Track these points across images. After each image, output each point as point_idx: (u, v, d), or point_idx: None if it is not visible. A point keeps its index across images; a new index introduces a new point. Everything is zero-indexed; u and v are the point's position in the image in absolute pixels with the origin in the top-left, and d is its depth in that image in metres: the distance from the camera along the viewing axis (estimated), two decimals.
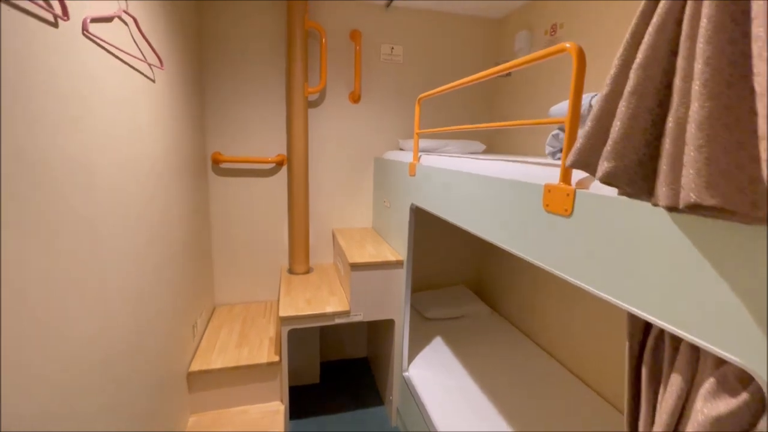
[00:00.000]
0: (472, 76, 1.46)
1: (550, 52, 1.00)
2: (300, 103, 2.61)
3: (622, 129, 0.55)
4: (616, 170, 0.56)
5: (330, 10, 2.72)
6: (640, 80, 0.53)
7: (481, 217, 1.36)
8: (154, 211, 1.70)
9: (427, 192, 1.91)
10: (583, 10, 2.22)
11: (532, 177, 1.11)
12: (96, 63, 1.20)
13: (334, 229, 3.02)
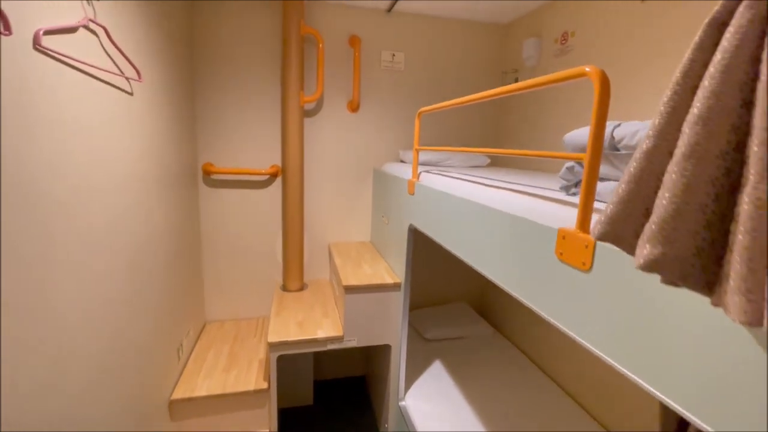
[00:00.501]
0: (476, 95, 1.32)
1: (569, 75, 0.86)
2: (295, 112, 2.48)
3: (674, 204, 0.41)
4: (664, 259, 0.42)
5: (328, 14, 2.59)
6: (699, 140, 0.39)
7: (485, 254, 1.22)
8: (132, 232, 1.58)
9: (427, 214, 1.77)
10: (595, 16, 2.07)
11: (544, 216, 0.97)
12: (55, 79, 1.07)
13: (330, 244, 2.89)
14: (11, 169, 0.91)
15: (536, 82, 0.96)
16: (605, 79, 0.78)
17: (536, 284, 0.96)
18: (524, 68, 2.70)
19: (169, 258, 2.06)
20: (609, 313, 0.74)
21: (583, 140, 0.96)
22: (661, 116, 0.47)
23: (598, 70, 0.79)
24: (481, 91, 2.92)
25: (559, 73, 0.88)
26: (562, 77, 0.88)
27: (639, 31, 1.82)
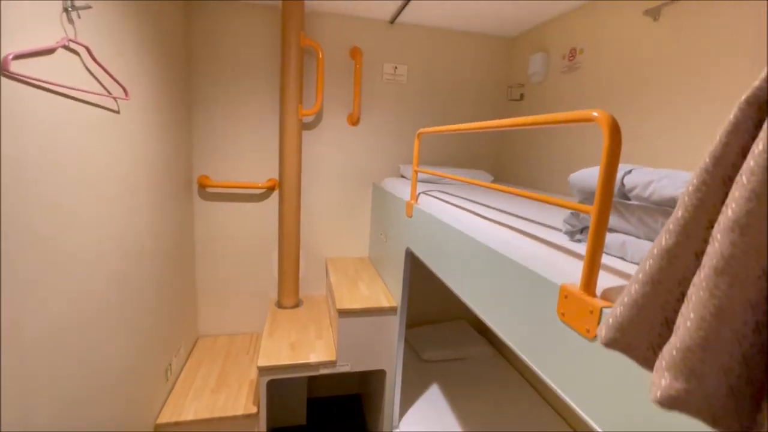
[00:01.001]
0: (476, 124, 1.24)
1: (575, 118, 0.78)
2: (293, 126, 2.41)
3: (702, 331, 0.33)
4: (688, 396, 0.34)
5: (329, 25, 2.53)
6: (735, 252, 0.32)
7: (483, 297, 1.14)
8: (119, 253, 1.52)
9: (424, 240, 1.70)
10: (604, 34, 1.99)
11: (546, 264, 0.89)
12: (30, 104, 1.01)
13: (327, 259, 2.82)
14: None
15: (538, 120, 0.88)
16: (615, 126, 0.70)
17: (536, 340, 0.88)
18: (530, 84, 2.62)
19: (161, 273, 2.00)
20: (615, 391, 0.67)
21: (590, 184, 0.88)
22: (685, 209, 0.39)
23: (608, 117, 0.71)
24: (485, 107, 2.88)
25: (565, 115, 0.80)
26: (567, 119, 0.80)
27: (652, 52, 1.74)
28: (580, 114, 0.77)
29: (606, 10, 1.99)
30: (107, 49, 1.39)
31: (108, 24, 1.39)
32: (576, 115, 0.78)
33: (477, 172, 2.53)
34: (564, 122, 0.81)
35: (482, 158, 2.97)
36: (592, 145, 2.07)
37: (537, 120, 0.89)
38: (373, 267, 2.70)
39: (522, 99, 2.72)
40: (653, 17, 1.73)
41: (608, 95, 1.97)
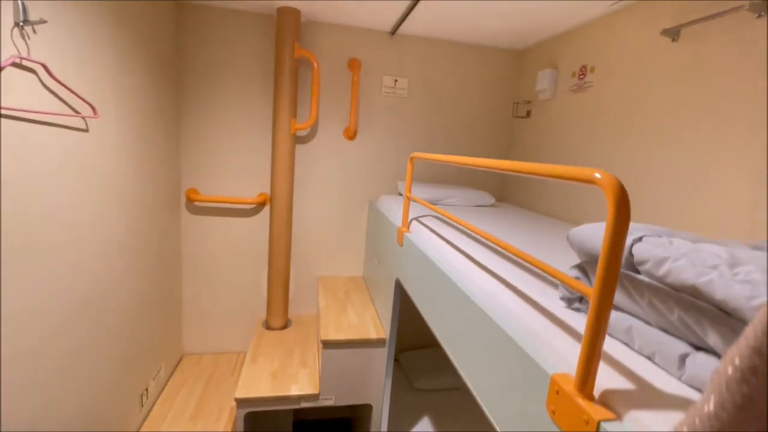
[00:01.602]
0: (474, 159, 1.11)
1: (574, 177, 0.65)
2: (285, 140, 2.31)
3: None
4: None
5: (326, 36, 2.42)
6: None
7: (467, 356, 1.01)
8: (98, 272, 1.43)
9: (413, 275, 1.57)
10: (618, 52, 1.84)
11: (536, 337, 0.76)
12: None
13: (318, 278, 2.70)
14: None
15: (536, 170, 0.75)
16: (622, 193, 0.56)
17: (524, 428, 0.75)
18: (537, 101, 2.48)
19: (143, 291, 1.93)
20: None
21: (592, 245, 0.75)
22: (721, 406, 0.26)
23: (612, 180, 0.58)
24: (490, 123, 2.74)
25: (564, 170, 0.67)
26: (566, 175, 0.67)
27: (669, 75, 1.59)
28: (580, 173, 0.63)
29: (620, 27, 1.84)
30: (73, 66, 1.29)
31: (74, 38, 1.29)
32: (576, 173, 0.64)
33: (478, 193, 2.39)
34: (563, 178, 0.68)
35: (485, 175, 2.83)
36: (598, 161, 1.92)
37: (535, 170, 0.76)
38: (365, 288, 2.58)
39: (528, 116, 2.58)
40: (672, 38, 1.58)
41: (620, 119, 1.82)
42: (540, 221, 2.01)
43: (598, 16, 1.98)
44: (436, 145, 2.70)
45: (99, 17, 1.42)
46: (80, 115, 1.31)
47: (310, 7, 2.15)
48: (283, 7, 2.15)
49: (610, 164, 1.86)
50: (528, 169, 0.79)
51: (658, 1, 1.65)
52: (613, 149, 1.86)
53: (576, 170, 0.64)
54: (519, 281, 1.01)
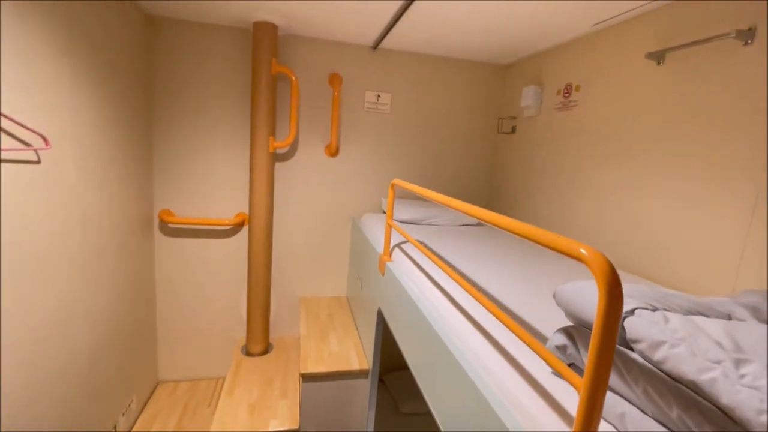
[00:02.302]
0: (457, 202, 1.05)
1: (563, 250, 0.58)
2: (264, 159, 2.21)
3: None
4: None
5: (305, 50, 2.33)
6: None
7: (446, 409, 0.94)
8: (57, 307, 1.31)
9: (395, 310, 1.50)
10: (604, 73, 1.81)
11: (518, 407, 0.70)
12: None
13: (300, 299, 2.61)
14: None
15: (529, 234, 0.67)
16: (611, 274, 0.50)
17: None
18: (523, 117, 2.44)
19: (112, 317, 1.83)
20: None
21: (580, 308, 0.69)
22: None
23: (600, 259, 0.51)
24: (475, 139, 2.70)
25: (551, 239, 0.61)
26: (553, 245, 0.60)
27: (654, 97, 1.56)
28: (567, 247, 0.57)
29: (605, 47, 1.81)
30: (22, 94, 1.18)
31: (23, 61, 1.18)
32: (562, 246, 0.58)
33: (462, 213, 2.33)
34: (549, 247, 0.61)
35: (472, 189, 2.77)
36: (582, 180, 1.88)
37: (525, 232, 0.68)
38: (349, 309, 2.50)
39: (514, 132, 2.54)
40: (657, 61, 1.55)
41: (606, 141, 1.78)
42: (525, 243, 1.96)
43: (582, 35, 1.94)
44: (420, 162, 2.64)
45: (52, 35, 1.31)
46: (30, 148, 1.20)
47: (287, 21, 2.07)
48: (259, 21, 2.06)
49: (596, 186, 1.82)
50: (521, 231, 0.72)
51: (641, 22, 1.61)
52: (599, 170, 1.82)
53: (562, 243, 0.58)
54: (501, 334, 0.94)
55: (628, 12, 1.61)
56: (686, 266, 1.40)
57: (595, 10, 1.64)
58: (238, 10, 1.94)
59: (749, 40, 1.24)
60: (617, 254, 1.68)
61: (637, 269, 1.58)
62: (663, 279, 1.48)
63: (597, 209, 1.82)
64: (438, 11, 1.78)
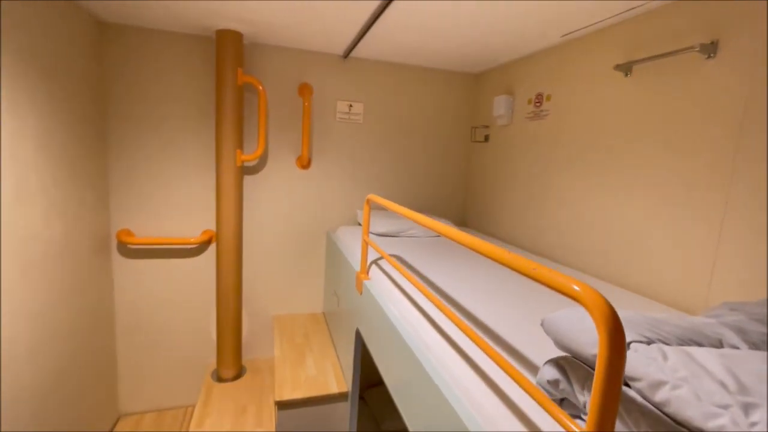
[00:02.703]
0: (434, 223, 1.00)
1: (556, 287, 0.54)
2: (231, 173, 2.10)
3: None
4: None
5: (274, 60, 2.25)
6: None
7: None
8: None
9: (373, 331, 1.43)
10: (573, 83, 1.83)
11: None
12: None
13: (274, 317, 2.50)
14: None
15: (519, 267, 0.63)
16: (611, 315, 0.46)
17: None
18: (495, 126, 2.44)
19: (65, 349, 1.66)
20: None
21: (574, 343, 0.65)
22: None
23: (597, 298, 0.47)
24: (450, 148, 2.68)
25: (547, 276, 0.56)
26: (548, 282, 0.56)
27: (622, 108, 1.58)
28: (559, 284, 0.53)
29: (574, 58, 1.83)
30: None
31: None
32: (554, 282, 0.54)
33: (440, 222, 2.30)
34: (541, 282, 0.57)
35: (448, 199, 2.76)
36: (556, 189, 1.89)
37: (514, 264, 0.64)
38: (326, 326, 2.41)
39: (487, 141, 2.54)
40: (625, 72, 1.57)
41: (577, 148, 1.80)
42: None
43: (551, 46, 1.96)
44: (395, 171, 2.60)
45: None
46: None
47: (253, 29, 1.98)
48: (222, 30, 1.96)
49: (570, 194, 1.84)
50: (506, 261, 0.68)
51: (609, 35, 1.64)
52: (572, 179, 1.83)
53: (554, 279, 0.54)
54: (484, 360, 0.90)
55: (596, 24, 1.64)
56: (660, 272, 1.42)
57: (563, 21, 1.65)
58: (198, 17, 1.84)
59: (712, 53, 1.27)
60: (593, 261, 1.69)
61: (613, 276, 1.59)
62: (639, 285, 1.49)
63: (572, 217, 1.83)
64: (409, 21, 1.75)
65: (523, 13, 1.60)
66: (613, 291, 1.46)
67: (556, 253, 1.91)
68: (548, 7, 1.51)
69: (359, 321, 1.61)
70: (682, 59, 1.36)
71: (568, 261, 1.83)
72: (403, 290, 1.37)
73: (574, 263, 1.79)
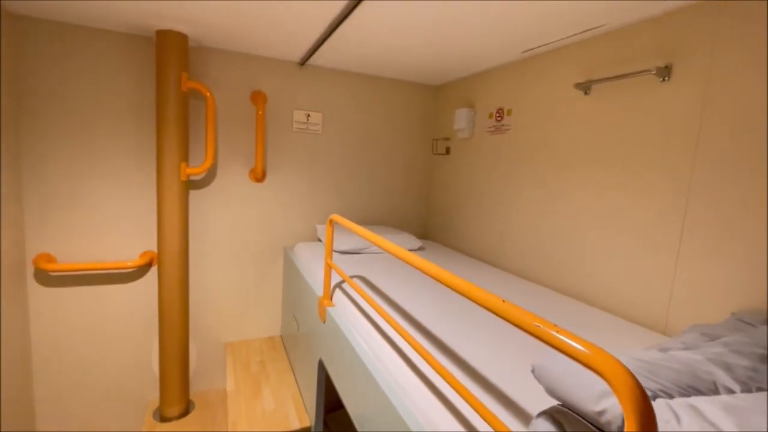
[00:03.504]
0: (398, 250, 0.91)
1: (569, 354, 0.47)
2: (174, 188, 1.89)
3: None
4: None
5: (224, 65, 2.07)
6: None
7: None
8: None
9: (338, 362, 1.32)
10: (533, 98, 1.85)
11: None
12: None
13: (226, 344, 2.29)
14: None
15: (520, 322, 0.56)
16: (641, 397, 0.40)
17: None
18: (456, 139, 2.43)
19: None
20: None
21: (573, 395, 0.59)
22: None
23: (624, 374, 0.41)
24: (411, 160, 2.63)
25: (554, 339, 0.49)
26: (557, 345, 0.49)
27: (582, 125, 1.60)
28: (573, 350, 0.46)
29: (534, 75, 1.85)
30: None
31: None
32: (565, 347, 0.47)
33: (404, 237, 2.24)
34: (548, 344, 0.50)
35: (410, 210, 2.70)
36: (518, 203, 1.89)
37: (513, 317, 0.57)
38: (284, 351, 2.24)
39: (448, 153, 2.53)
40: (584, 91, 1.60)
41: (538, 163, 1.81)
42: (470, 267, 1.91)
43: (512, 61, 1.97)
44: (356, 183, 2.50)
45: None
46: None
47: (198, 31, 1.80)
48: (164, 30, 1.77)
49: (532, 208, 1.84)
50: (501, 312, 0.61)
51: (568, 53, 1.67)
52: (534, 194, 1.84)
53: (575, 353, 0.47)
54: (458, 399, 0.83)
55: (555, 42, 1.66)
56: (620, 286, 1.44)
57: (523, 38, 1.65)
58: (133, 16, 1.63)
59: (666, 77, 1.32)
60: (554, 275, 1.70)
61: (573, 290, 1.61)
62: (597, 298, 1.51)
63: (533, 231, 1.83)
64: (368, 34, 1.67)
65: (483, 30, 1.58)
66: (568, 303, 1.46)
67: (518, 268, 1.91)
68: (511, 22, 1.50)
69: (322, 350, 1.49)
70: (638, 81, 1.40)
71: (529, 275, 1.83)
72: (370, 318, 1.28)
73: (535, 277, 1.80)
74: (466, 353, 1.04)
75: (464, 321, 1.24)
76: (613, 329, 1.26)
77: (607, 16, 1.40)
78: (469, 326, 1.20)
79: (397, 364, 1.05)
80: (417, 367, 0.99)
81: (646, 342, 1.17)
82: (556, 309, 1.41)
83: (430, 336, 1.14)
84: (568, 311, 1.40)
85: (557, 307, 1.44)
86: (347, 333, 1.27)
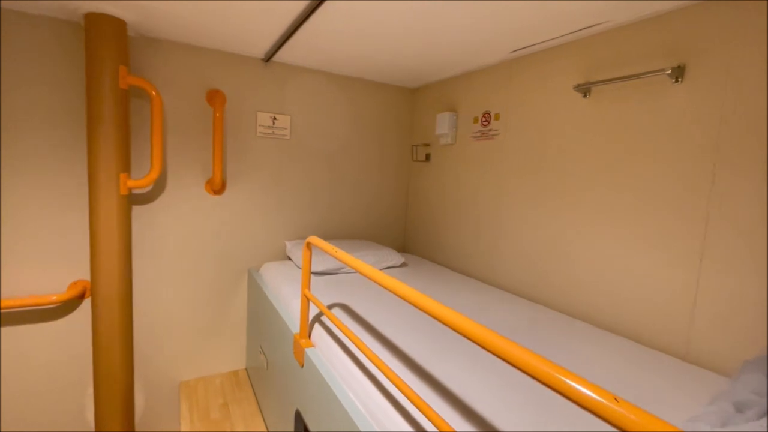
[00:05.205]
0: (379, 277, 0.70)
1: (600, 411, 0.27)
2: (112, 203, 1.57)
3: None
4: None
5: (171, 58, 1.77)
6: None
7: None
8: None
9: (321, 415, 1.08)
10: (523, 102, 1.71)
11: None
12: None
13: (181, 384, 1.96)
14: None
15: (537, 374, 0.37)
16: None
17: None
18: (438, 145, 2.26)
19: None
20: None
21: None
22: None
23: None
24: (388, 167, 2.40)
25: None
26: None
27: (584, 131, 1.47)
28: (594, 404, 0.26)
29: (526, 76, 1.71)
30: None
31: None
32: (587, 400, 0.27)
33: (386, 253, 2.03)
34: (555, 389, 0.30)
35: (390, 221, 2.49)
36: (510, 215, 1.74)
37: (529, 368, 0.37)
38: (250, 388, 1.95)
39: (428, 160, 2.35)
40: (583, 93, 1.47)
41: (531, 172, 1.67)
42: (459, 285, 1.72)
43: (499, 62, 1.83)
44: (329, 193, 2.26)
45: None
46: None
47: (139, 17, 1.50)
48: (93, 13, 1.46)
49: (522, 221, 1.69)
50: (520, 367, 0.41)
51: (565, 52, 1.54)
52: (526, 205, 1.69)
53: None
54: None
55: (551, 40, 1.52)
56: (634, 307, 1.31)
57: (514, 36, 1.50)
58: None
59: (679, 77, 1.20)
60: (557, 294, 1.55)
61: (580, 311, 1.46)
62: (609, 322, 1.37)
63: (529, 245, 1.68)
64: (342, 25, 1.45)
65: (470, 25, 1.41)
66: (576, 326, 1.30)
67: (514, 286, 1.75)
68: (500, 18, 1.34)
69: (300, 400, 1.24)
70: (645, 82, 1.28)
71: (528, 294, 1.68)
72: (358, 361, 1.05)
73: (535, 297, 1.64)
74: (471, 399, 0.84)
75: (467, 358, 1.04)
76: (636, 359, 1.11)
77: (610, 12, 1.27)
78: (472, 364, 1.01)
79: (392, 419, 0.84)
80: (417, 421, 0.79)
81: (679, 374, 1.03)
82: (568, 333, 1.25)
83: (428, 378, 0.93)
84: (579, 336, 1.24)
85: (569, 329, 1.28)
86: (331, 381, 1.04)
